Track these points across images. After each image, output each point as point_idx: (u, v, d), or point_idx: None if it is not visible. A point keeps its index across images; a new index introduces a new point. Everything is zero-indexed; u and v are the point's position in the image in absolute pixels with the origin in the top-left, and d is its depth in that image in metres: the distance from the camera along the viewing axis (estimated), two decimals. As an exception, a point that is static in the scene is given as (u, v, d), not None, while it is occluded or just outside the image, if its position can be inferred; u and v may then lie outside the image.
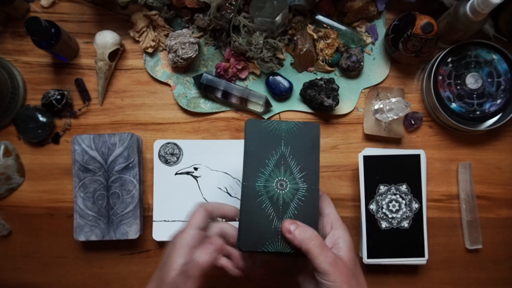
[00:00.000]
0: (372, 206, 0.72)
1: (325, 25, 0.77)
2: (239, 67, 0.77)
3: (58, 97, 0.77)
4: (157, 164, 0.76)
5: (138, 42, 0.79)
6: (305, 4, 0.74)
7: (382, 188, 0.72)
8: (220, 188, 0.75)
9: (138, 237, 0.75)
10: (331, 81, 0.76)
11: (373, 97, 0.78)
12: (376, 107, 0.77)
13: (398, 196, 0.72)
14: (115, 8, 0.79)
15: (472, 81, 0.75)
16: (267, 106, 0.77)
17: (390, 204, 0.72)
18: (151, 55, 0.79)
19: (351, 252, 0.51)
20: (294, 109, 0.79)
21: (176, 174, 0.76)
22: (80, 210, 0.74)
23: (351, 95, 0.79)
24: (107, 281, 0.79)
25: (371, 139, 0.79)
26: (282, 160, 0.56)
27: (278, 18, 0.70)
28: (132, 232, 0.74)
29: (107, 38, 0.75)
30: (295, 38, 0.77)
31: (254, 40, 0.74)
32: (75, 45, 0.79)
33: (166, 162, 0.76)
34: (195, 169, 0.76)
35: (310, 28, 0.77)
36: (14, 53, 0.80)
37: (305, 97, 0.77)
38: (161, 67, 0.79)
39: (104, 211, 0.74)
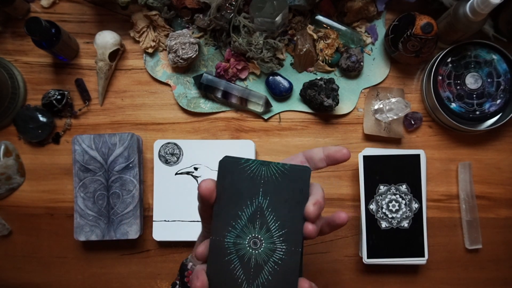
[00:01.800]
0: (372, 206, 0.72)
1: (325, 25, 0.77)
2: (239, 67, 0.77)
3: (58, 97, 0.78)
4: (157, 164, 0.76)
5: (138, 42, 0.79)
6: (305, 4, 0.74)
7: (382, 188, 0.72)
8: (220, 188, 0.75)
9: (138, 237, 0.75)
10: (331, 81, 0.76)
11: (373, 97, 0.78)
12: (376, 107, 0.77)
13: (398, 196, 0.72)
14: (115, 8, 0.79)
15: (472, 81, 0.75)
16: (267, 106, 0.77)
17: (390, 204, 0.72)
18: (151, 55, 0.80)
19: None
20: (294, 109, 0.79)
21: (176, 174, 0.76)
22: (80, 210, 0.74)
23: (351, 95, 0.79)
24: (107, 281, 0.79)
25: (371, 139, 0.79)
26: (259, 213, 0.45)
27: (278, 18, 0.71)
28: (132, 232, 0.74)
29: (107, 38, 0.76)
30: (295, 38, 0.77)
31: (254, 40, 0.74)
32: (75, 45, 0.79)
33: (166, 162, 0.76)
34: (195, 169, 0.76)
35: (310, 28, 0.77)
36: (15, 53, 0.80)
37: (305, 97, 0.77)
38: (161, 67, 0.79)
39: (104, 211, 0.74)
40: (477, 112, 0.75)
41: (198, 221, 0.75)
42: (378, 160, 0.73)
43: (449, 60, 0.75)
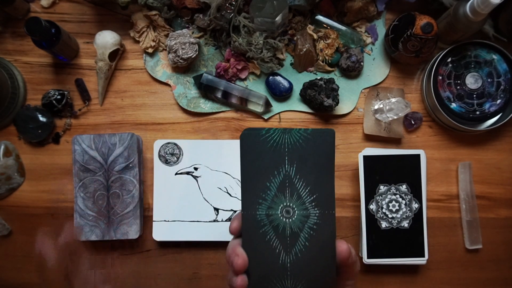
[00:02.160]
0: (372, 206, 0.72)
1: (325, 25, 0.77)
2: (239, 67, 0.77)
3: (58, 97, 0.77)
4: (157, 164, 0.76)
5: (138, 42, 0.79)
6: (305, 4, 0.74)
7: (382, 188, 0.72)
8: (220, 188, 0.75)
9: (138, 237, 0.75)
10: (331, 81, 0.76)
11: (373, 97, 0.78)
12: (376, 107, 0.77)
13: (398, 196, 0.72)
14: (115, 8, 0.79)
15: (472, 81, 0.75)
16: (267, 106, 0.77)
17: (390, 204, 0.72)
18: (151, 55, 0.80)
19: None
20: (294, 109, 0.79)
21: (176, 174, 0.76)
22: (80, 210, 0.74)
23: (351, 95, 0.79)
24: (107, 281, 0.79)
25: (371, 139, 0.79)
26: (287, 182, 0.45)
27: (278, 18, 0.71)
28: (132, 232, 0.74)
29: (107, 38, 0.76)
30: (295, 38, 0.77)
31: (254, 40, 0.74)
32: (75, 45, 0.79)
33: (166, 162, 0.76)
34: (195, 169, 0.76)
35: (310, 28, 0.77)
36: (14, 53, 0.80)
37: (305, 97, 0.77)
38: (161, 67, 0.79)
39: (104, 211, 0.74)
40: (477, 112, 0.75)
41: (198, 221, 0.75)
42: (378, 160, 0.73)
43: (449, 60, 0.75)
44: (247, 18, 0.75)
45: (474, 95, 0.75)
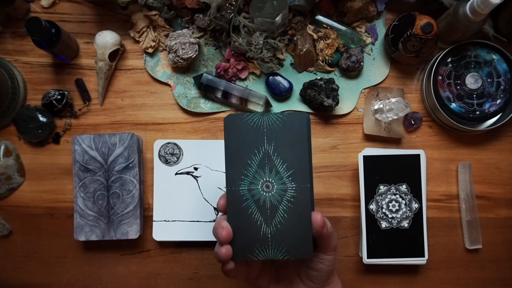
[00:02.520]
0: (372, 206, 0.72)
1: (325, 25, 0.77)
2: (239, 67, 0.77)
3: (58, 97, 0.78)
4: (157, 164, 0.76)
5: (138, 42, 0.79)
6: (305, 4, 0.74)
7: (382, 188, 0.72)
8: (220, 188, 0.75)
9: (138, 237, 0.75)
10: (331, 81, 0.76)
11: (373, 97, 0.78)
12: (376, 107, 0.77)
13: (398, 196, 0.72)
14: (115, 8, 0.79)
15: (472, 81, 0.75)
16: (267, 106, 0.77)
17: (390, 204, 0.72)
18: (151, 55, 0.80)
19: None
20: (294, 109, 0.79)
21: (176, 174, 0.76)
22: (80, 210, 0.74)
23: (351, 95, 0.79)
24: (107, 281, 0.79)
25: (371, 139, 0.79)
26: (266, 159, 0.50)
27: (278, 18, 0.71)
28: (132, 232, 0.74)
29: (107, 38, 0.76)
30: (295, 38, 0.77)
31: (254, 40, 0.74)
32: (75, 45, 0.79)
33: (166, 162, 0.76)
34: (195, 169, 0.76)
35: (310, 28, 0.77)
36: (15, 53, 0.80)
37: (305, 97, 0.77)
38: (161, 67, 0.79)
39: (104, 211, 0.74)
40: (477, 112, 0.75)
41: (198, 221, 0.75)
42: (378, 160, 0.73)
43: (449, 60, 0.75)
44: (247, 18, 0.75)
45: (474, 95, 0.75)
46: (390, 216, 0.72)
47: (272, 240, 0.49)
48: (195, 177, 0.76)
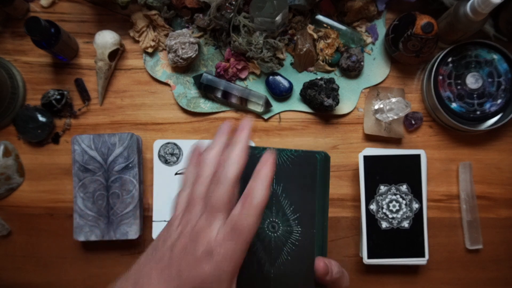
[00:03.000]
0: (372, 206, 0.72)
1: (325, 25, 0.77)
2: (239, 67, 0.77)
3: (58, 97, 0.77)
4: (157, 164, 0.76)
5: (138, 42, 0.79)
6: (305, 4, 0.74)
7: (382, 188, 0.72)
8: (220, 188, 0.75)
9: (138, 237, 0.74)
10: (331, 81, 0.75)
11: (373, 97, 0.78)
12: (376, 107, 0.77)
13: (398, 196, 0.72)
14: (115, 8, 0.79)
15: (472, 81, 0.75)
16: (267, 106, 0.77)
17: (391, 204, 0.72)
18: (151, 55, 0.79)
19: None
20: (294, 109, 0.79)
21: (176, 174, 0.76)
22: (80, 210, 0.74)
23: (351, 95, 0.79)
24: (107, 281, 0.78)
25: (371, 139, 0.79)
26: (274, 199, 0.48)
27: (278, 18, 0.70)
28: (132, 232, 0.74)
29: (107, 38, 0.75)
30: (295, 38, 0.77)
31: (254, 40, 0.74)
32: (75, 45, 0.79)
33: (166, 162, 0.76)
34: (195, 169, 0.76)
35: (310, 28, 0.77)
36: (14, 53, 0.80)
37: (305, 97, 0.77)
38: (161, 67, 0.79)
39: (104, 211, 0.74)
40: (478, 112, 0.75)
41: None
42: (379, 160, 0.73)
43: (449, 60, 0.75)
44: (247, 18, 0.75)
45: (475, 95, 0.75)
46: (390, 216, 0.72)
47: (274, 281, 0.47)
48: (195, 177, 0.76)
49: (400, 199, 0.72)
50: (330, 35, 0.76)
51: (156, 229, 0.75)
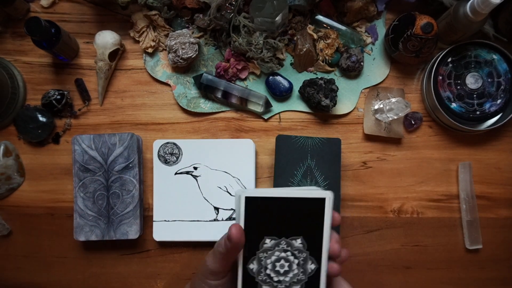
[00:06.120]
0: (253, 266, 0.50)
1: (325, 25, 0.77)
2: (239, 67, 0.77)
3: (58, 97, 0.78)
4: (157, 164, 0.76)
5: (138, 42, 0.79)
6: (305, 4, 0.74)
7: (268, 242, 0.50)
8: (220, 187, 0.75)
9: (138, 237, 0.75)
10: (331, 81, 0.76)
11: (373, 97, 0.78)
12: (376, 107, 0.77)
13: (289, 253, 0.50)
14: (115, 8, 0.79)
15: (472, 81, 0.75)
16: (267, 106, 0.77)
17: (278, 264, 0.51)
18: (151, 55, 0.80)
19: None
20: (294, 109, 0.79)
21: (176, 173, 0.76)
22: (80, 210, 0.74)
23: (351, 95, 0.79)
24: (107, 281, 0.79)
25: (371, 139, 0.79)
26: (309, 171, 0.69)
27: (278, 18, 0.71)
28: (132, 232, 0.74)
29: (107, 38, 0.76)
30: (295, 38, 0.77)
31: (254, 40, 0.74)
32: (75, 45, 0.79)
33: (166, 162, 0.76)
34: (195, 168, 0.76)
35: (310, 28, 0.77)
36: (14, 53, 0.80)
37: (303, 95, 0.77)
38: (161, 67, 0.79)
39: (104, 211, 0.74)
40: (477, 112, 0.75)
41: (198, 221, 0.75)
42: (267, 203, 0.49)
43: (449, 60, 0.75)
44: (247, 18, 0.75)
45: (474, 95, 0.75)
46: (276, 279, 0.51)
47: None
48: (195, 177, 0.76)
49: (292, 257, 0.51)
50: (330, 35, 0.76)
51: (156, 229, 0.75)
